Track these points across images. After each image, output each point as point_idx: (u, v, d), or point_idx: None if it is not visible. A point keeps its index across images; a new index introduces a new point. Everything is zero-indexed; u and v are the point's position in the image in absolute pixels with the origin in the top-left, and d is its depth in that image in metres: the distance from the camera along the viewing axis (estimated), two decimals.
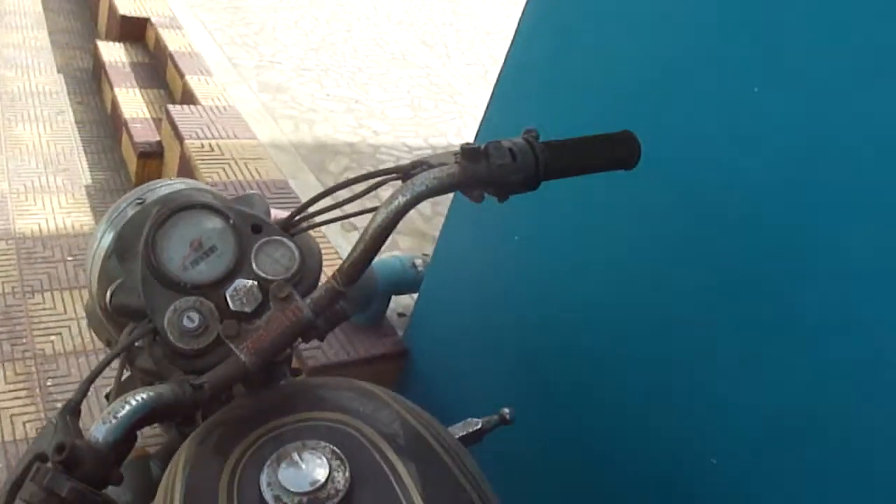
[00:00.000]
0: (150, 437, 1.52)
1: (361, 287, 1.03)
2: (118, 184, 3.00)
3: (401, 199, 0.77)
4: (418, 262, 2.00)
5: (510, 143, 0.78)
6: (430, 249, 2.02)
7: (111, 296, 0.87)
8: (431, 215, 2.60)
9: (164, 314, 0.82)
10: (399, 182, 0.81)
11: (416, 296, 1.98)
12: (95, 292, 0.98)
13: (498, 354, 1.61)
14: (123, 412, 0.66)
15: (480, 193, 0.80)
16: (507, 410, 1.10)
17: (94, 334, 1.14)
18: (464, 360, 1.73)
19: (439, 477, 0.80)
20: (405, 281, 2.00)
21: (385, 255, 2.10)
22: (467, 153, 0.77)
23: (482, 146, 0.77)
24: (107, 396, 1.02)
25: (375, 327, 2.04)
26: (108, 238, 0.97)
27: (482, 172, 0.77)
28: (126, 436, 0.66)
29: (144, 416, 0.68)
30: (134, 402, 0.67)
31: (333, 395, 0.86)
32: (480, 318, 1.67)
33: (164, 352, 0.82)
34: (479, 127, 1.58)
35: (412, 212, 0.79)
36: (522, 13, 1.44)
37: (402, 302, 2.16)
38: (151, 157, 2.96)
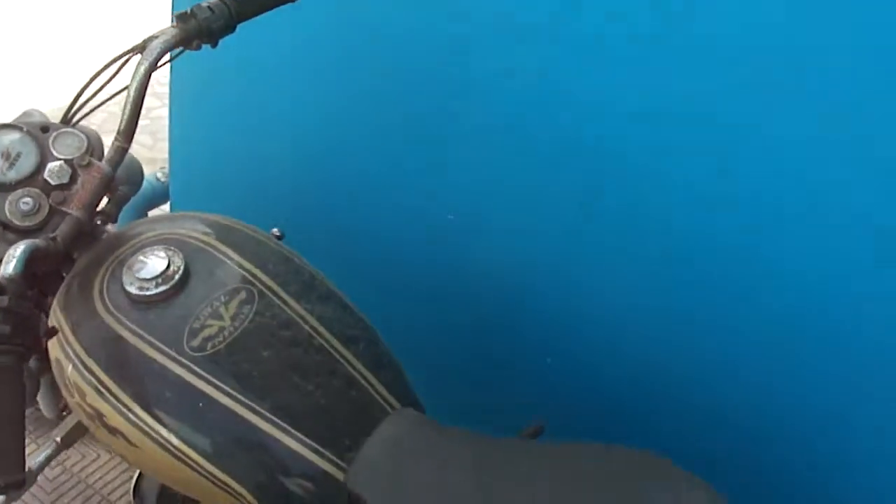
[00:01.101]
0: None
1: (131, 172, 1.31)
2: None
3: (146, 64, 1.06)
4: (160, 175, 2.23)
5: (208, 3, 1.09)
6: (159, 171, 2.26)
7: None
8: (153, 143, 2.80)
9: (3, 209, 1.06)
10: (139, 56, 1.10)
11: (167, 206, 2.23)
12: None
13: (255, 212, 1.90)
14: (17, 252, 0.92)
15: (198, 43, 1.10)
16: (275, 230, 1.42)
17: None
18: None
19: (251, 242, 1.13)
20: (156, 195, 2.23)
21: None
22: (179, 17, 1.08)
23: (188, 9, 1.08)
24: None
25: None
26: None
27: (193, 27, 1.08)
28: (25, 270, 0.92)
29: (31, 258, 0.93)
30: (22, 246, 0.93)
31: (152, 223, 1.16)
32: (230, 194, 1.97)
33: (15, 235, 1.07)
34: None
35: (135, 144, 1.09)
36: None
37: None
38: None
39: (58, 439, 1.30)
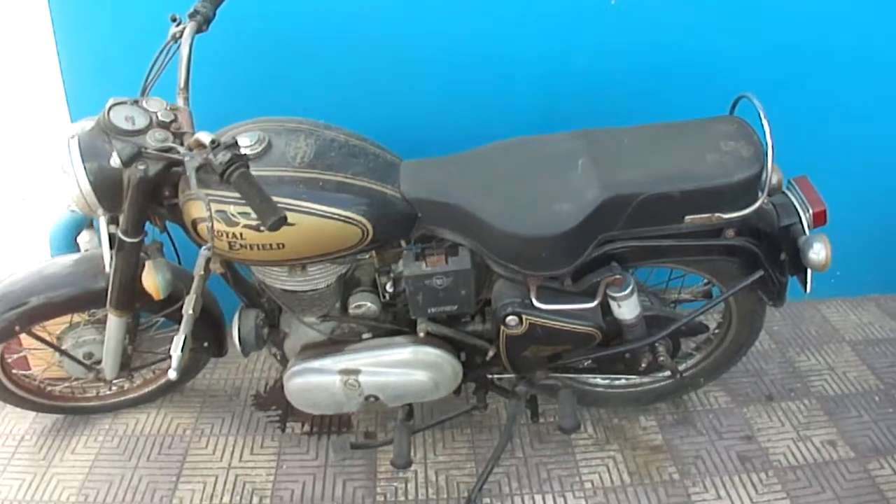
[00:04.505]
0: None
1: None
2: None
3: (187, 44, 1.82)
4: None
5: (199, 2, 1.88)
6: None
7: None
8: None
9: (147, 141, 1.73)
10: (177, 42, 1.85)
11: None
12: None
13: None
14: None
15: (204, 28, 1.88)
16: None
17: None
18: None
19: (285, 118, 1.95)
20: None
21: None
22: (190, 15, 1.85)
23: (192, 8, 1.86)
24: None
25: None
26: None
27: (200, 19, 1.87)
28: None
29: None
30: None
31: (228, 129, 1.90)
32: None
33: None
34: None
35: None
36: None
37: None
38: None
39: (190, 311, 1.97)
